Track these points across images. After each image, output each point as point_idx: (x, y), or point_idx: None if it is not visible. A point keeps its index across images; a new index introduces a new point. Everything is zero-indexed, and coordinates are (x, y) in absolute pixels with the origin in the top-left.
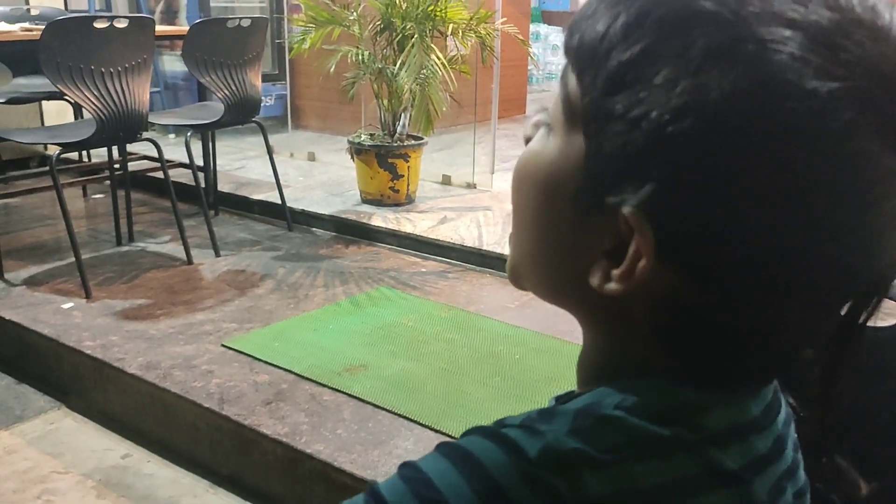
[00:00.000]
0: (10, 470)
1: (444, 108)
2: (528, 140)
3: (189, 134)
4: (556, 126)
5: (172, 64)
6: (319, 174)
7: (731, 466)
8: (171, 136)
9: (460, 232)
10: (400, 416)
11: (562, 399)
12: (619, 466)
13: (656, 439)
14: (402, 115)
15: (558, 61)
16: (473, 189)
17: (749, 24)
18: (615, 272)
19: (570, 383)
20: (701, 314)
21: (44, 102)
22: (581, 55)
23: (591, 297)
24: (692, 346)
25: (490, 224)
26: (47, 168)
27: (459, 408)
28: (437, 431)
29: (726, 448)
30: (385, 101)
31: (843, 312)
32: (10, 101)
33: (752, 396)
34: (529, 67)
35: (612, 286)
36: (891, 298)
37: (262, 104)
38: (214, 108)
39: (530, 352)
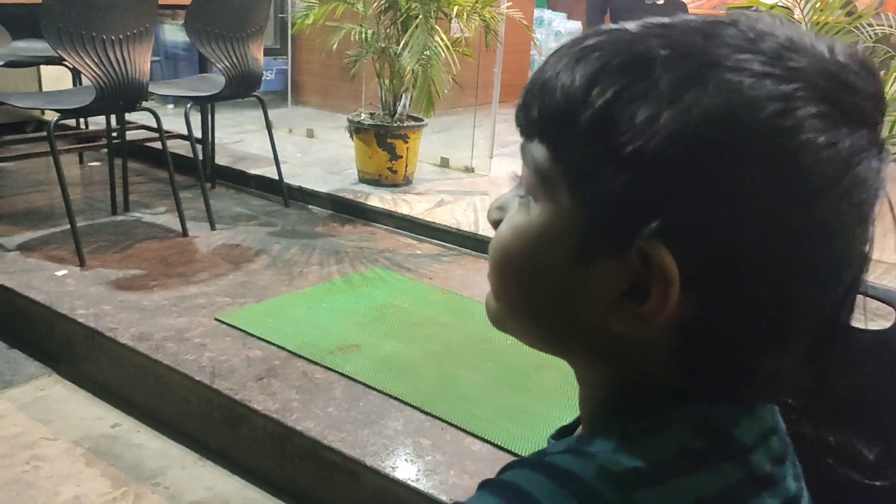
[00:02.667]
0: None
1: (445, 91)
2: (495, 223)
3: (189, 105)
4: (536, 195)
5: (174, 34)
6: (317, 151)
7: (766, 469)
8: (170, 106)
9: (457, 216)
10: (391, 396)
11: (558, 436)
12: (671, 482)
13: (703, 452)
14: (404, 95)
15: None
16: (471, 173)
17: (708, 54)
18: (644, 309)
19: (561, 371)
20: (722, 330)
21: (42, 67)
22: (547, 122)
23: (602, 340)
24: (714, 364)
25: (487, 209)
26: (44, 133)
27: (450, 391)
28: (427, 413)
29: (759, 454)
30: (387, 81)
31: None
32: (9, 65)
33: (763, 406)
34: (532, 53)
35: (644, 324)
36: (879, 299)
37: (262, 78)
38: (215, 81)
39: None
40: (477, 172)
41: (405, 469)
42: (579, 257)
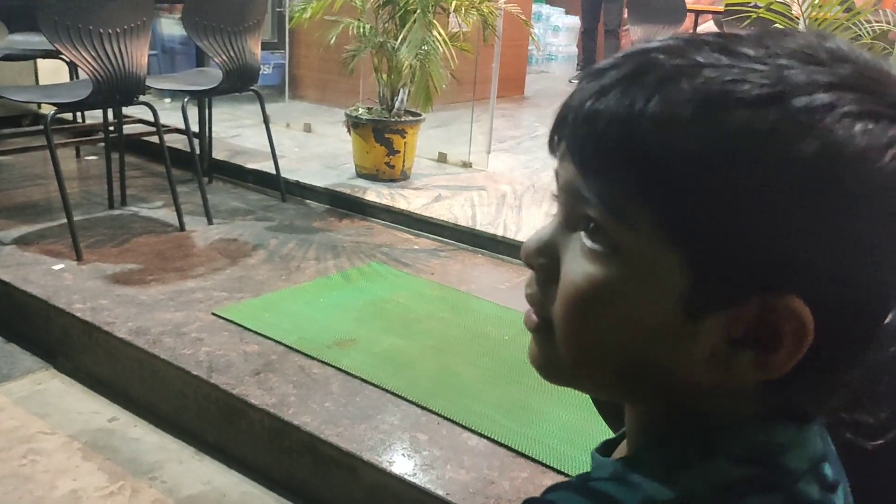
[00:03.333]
0: None
1: (443, 86)
2: (542, 268)
3: (186, 99)
4: (613, 245)
5: (171, 28)
6: (315, 146)
7: (814, 496)
8: (168, 100)
9: (454, 211)
10: (387, 391)
11: (603, 450)
12: None
13: (746, 480)
14: (401, 90)
15: (559, 42)
16: (469, 168)
17: (799, 93)
18: (773, 360)
19: None
20: (823, 360)
21: (39, 60)
22: (635, 162)
23: (688, 386)
24: (798, 391)
25: (484, 204)
26: (41, 127)
27: (447, 386)
28: (424, 409)
29: (807, 482)
30: (384, 76)
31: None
32: (6, 58)
33: (814, 429)
34: (530, 48)
35: (769, 372)
36: None
37: (260, 73)
38: (212, 75)
39: (520, 333)
40: (474, 168)
41: (402, 464)
42: (686, 314)
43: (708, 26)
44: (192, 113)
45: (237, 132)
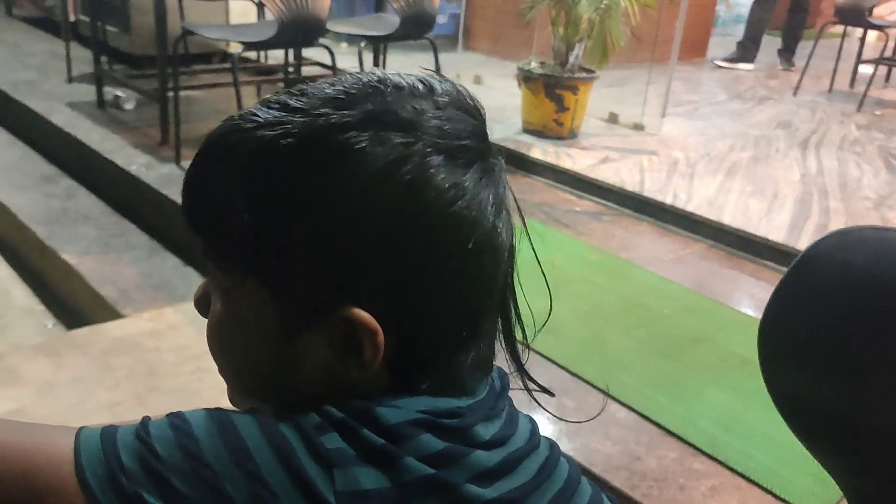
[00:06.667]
0: (171, 343)
1: (622, 43)
2: (202, 313)
3: (363, 44)
4: (226, 287)
5: None
6: (483, 98)
7: (391, 423)
8: (343, 44)
9: (621, 174)
10: (537, 352)
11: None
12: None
13: (338, 421)
14: (577, 45)
15: (747, 2)
16: (640, 131)
17: (326, 140)
18: (364, 359)
19: (718, 347)
20: (423, 346)
21: (231, 1)
22: (217, 226)
23: (324, 390)
24: (425, 372)
25: (654, 170)
26: (228, 65)
27: (598, 354)
28: (572, 374)
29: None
30: (561, 30)
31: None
32: None
33: (480, 420)
34: (717, 8)
35: (369, 369)
36: None
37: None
38: (389, 21)
39: (680, 308)
40: (646, 131)
41: (545, 427)
42: (284, 337)
43: None
44: (367, 58)
45: None
